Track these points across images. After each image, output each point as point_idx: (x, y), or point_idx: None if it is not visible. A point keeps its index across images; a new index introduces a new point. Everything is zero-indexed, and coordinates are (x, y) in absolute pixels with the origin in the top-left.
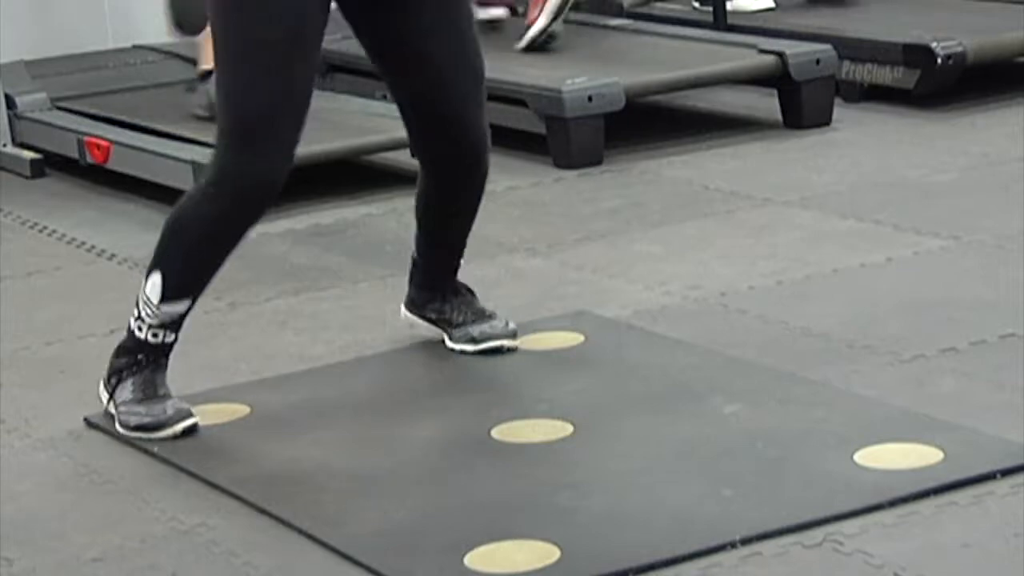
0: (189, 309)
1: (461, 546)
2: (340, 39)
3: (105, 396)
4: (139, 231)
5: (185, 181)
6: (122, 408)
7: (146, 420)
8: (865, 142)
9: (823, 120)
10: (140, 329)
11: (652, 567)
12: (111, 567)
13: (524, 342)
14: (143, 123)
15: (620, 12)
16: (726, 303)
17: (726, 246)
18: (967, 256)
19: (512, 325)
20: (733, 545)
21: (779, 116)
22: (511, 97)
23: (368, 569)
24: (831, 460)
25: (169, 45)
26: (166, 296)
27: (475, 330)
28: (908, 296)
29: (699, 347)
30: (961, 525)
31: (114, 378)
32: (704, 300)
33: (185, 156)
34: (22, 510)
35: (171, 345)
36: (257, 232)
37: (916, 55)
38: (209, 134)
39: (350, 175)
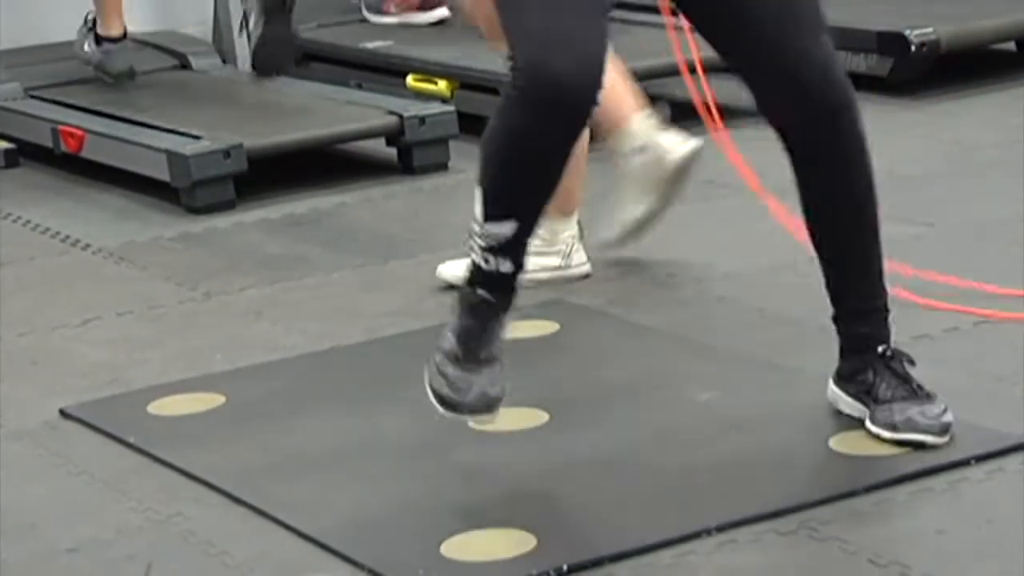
0: (519, 235)
1: (437, 535)
2: (315, 27)
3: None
4: (114, 221)
5: (160, 170)
6: (438, 356)
7: (445, 391)
8: None
9: None
10: (474, 251)
11: (627, 554)
12: (86, 558)
13: None
14: (117, 112)
15: None
16: (702, 290)
17: (702, 233)
18: (941, 243)
19: (947, 418)
20: (708, 532)
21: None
22: (485, 86)
23: (344, 558)
24: (806, 447)
25: (143, 34)
26: (487, 215)
27: (900, 415)
28: None
29: (674, 334)
30: (936, 511)
31: (456, 307)
32: (680, 287)
33: (160, 145)
34: None
35: (507, 278)
36: (230, 222)
37: (890, 43)
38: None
39: (324, 164)
